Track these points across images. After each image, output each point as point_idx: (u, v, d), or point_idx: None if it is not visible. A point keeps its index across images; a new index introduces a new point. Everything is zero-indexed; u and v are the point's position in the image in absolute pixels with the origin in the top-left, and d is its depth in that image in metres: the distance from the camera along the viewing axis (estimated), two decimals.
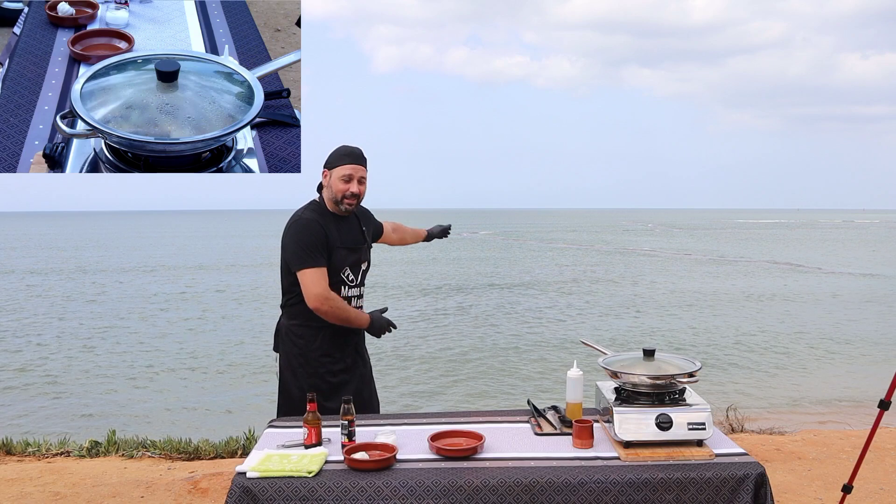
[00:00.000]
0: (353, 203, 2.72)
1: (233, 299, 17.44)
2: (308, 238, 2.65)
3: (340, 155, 2.71)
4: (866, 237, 49.52)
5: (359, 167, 2.71)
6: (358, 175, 2.70)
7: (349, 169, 2.68)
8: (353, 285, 2.79)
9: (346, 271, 2.75)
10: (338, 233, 2.73)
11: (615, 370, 2.15)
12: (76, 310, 15.82)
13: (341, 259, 2.72)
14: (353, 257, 2.77)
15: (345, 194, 2.69)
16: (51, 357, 10.82)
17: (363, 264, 2.86)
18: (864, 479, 3.78)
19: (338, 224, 2.75)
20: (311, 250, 2.64)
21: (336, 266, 2.71)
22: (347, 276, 2.75)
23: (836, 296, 17.25)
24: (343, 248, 2.73)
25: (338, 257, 2.71)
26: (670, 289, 18.78)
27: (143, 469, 4.29)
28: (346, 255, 2.74)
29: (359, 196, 2.73)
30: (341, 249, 2.72)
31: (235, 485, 1.88)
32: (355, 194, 2.70)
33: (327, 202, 2.76)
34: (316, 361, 2.73)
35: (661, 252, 33.80)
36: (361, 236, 2.86)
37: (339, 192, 2.69)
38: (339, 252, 2.71)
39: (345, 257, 2.73)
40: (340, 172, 2.68)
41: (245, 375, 9.61)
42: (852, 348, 11.10)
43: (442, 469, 1.95)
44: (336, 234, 2.72)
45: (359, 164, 2.71)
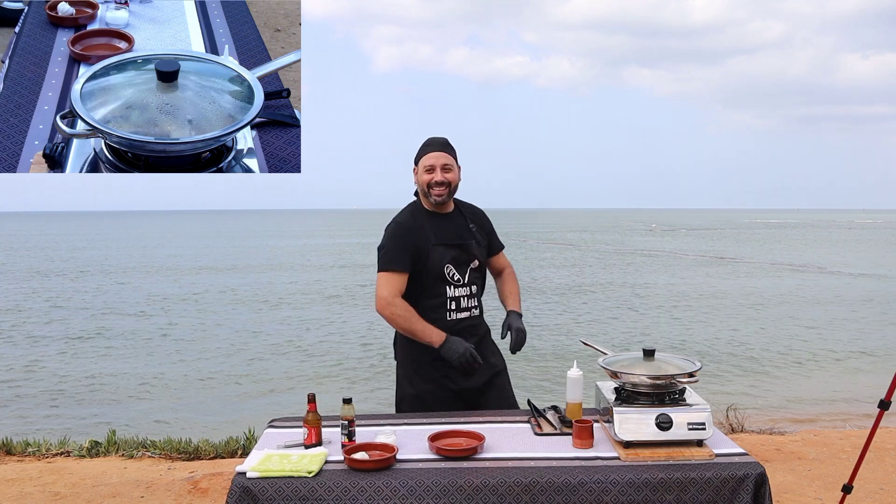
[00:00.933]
0: (442, 192, 2.61)
1: (238, 301, 17.45)
2: (390, 242, 2.60)
3: (423, 146, 2.65)
4: (867, 237, 49.52)
5: (440, 154, 2.60)
6: (441, 163, 2.59)
7: (430, 158, 2.60)
8: (460, 285, 2.65)
9: (450, 270, 2.62)
10: (435, 230, 2.62)
11: (615, 370, 2.15)
12: (78, 309, 15.83)
13: (440, 257, 2.60)
14: (455, 254, 2.64)
15: (429, 184, 2.60)
16: (52, 357, 10.82)
17: (472, 262, 2.69)
18: (864, 479, 3.78)
19: (436, 221, 2.65)
20: (391, 254, 2.57)
21: (435, 265, 2.59)
22: (451, 276, 2.63)
23: (836, 296, 17.24)
24: (441, 245, 2.61)
25: (436, 255, 2.59)
26: (670, 289, 18.78)
27: (143, 469, 4.30)
28: (444, 252, 2.61)
29: (447, 183, 2.61)
30: (439, 247, 2.60)
31: (235, 485, 1.88)
32: (440, 182, 2.59)
33: (422, 199, 2.69)
34: (429, 366, 2.63)
35: (662, 252, 33.81)
36: (467, 232, 2.71)
37: (425, 183, 2.61)
38: (436, 250, 2.60)
39: (443, 254, 2.60)
40: (424, 163, 2.61)
41: (245, 375, 9.61)
42: (853, 348, 11.10)
43: (442, 469, 1.95)
44: (432, 231, 2.61)
45: (440, 151, 2.61)
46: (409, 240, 2.59)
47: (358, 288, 19.60)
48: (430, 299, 2.62)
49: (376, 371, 9.66)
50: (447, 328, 2.60)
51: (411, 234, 2.60)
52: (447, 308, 2.64)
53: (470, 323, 2.69)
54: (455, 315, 2.66)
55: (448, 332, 2.60)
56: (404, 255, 2.57)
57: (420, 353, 2.63)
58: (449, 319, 2.64)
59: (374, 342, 11.67)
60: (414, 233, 2.61)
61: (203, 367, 10.11)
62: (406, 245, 2.58)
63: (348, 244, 43.33)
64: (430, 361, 2.62)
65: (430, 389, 2.64)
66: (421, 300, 2.62)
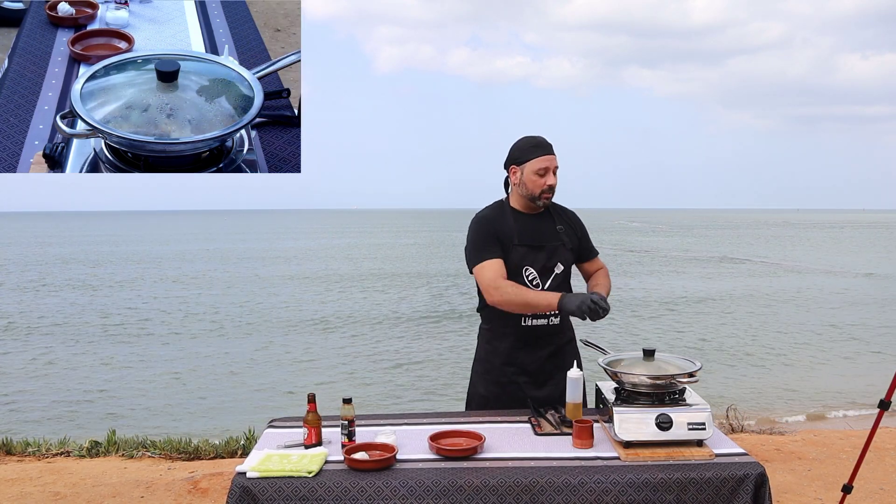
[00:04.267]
0: (550, 196, 2.54)
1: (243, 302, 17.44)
2: (476, 235, 2.54)
3: (529, 147, 2.51)
4: (867, 237, 49.50)
5: (552, 157, 2.51)
6: (553, 166, 2.51)
7: (544, 161, 2.49)
8: (539, 289, 2.54)
9: (529, 273, 2.52)
10: (519, 230, 2.54)
11: (615, 370, 2.15)
12: (86, 308, 15.83)
13: (520, 258, 2.51)
14: (537, 257, 2.54)
15: (543, 189, 2.51)
16: (54, 356, 10.82)
17: (555, 267, 2.56)
18: (864, 479, 3.78)
19: (522, 221, 2.56)
20: (480, 244, 2.51)
21: (514, 266, 2.51)
22: (530, 278, 2.53)
23: (836, 296, 17.25)
24: (522, 246, 2.52)
25: (516, 256, 2.51)
26: (670, 288, 18.77)
27: (143, 469, 4.30)
28: (525, 254, 2.52)
29: (553, 188, 2.54)
30: (520, 248, 2.52)
31: (235, 485, 1.88)
32: (553, 186, 2.52)
33: (518, 199, 2.58)
34: (499, 370, 2.57)
35: (662, 252, 33.79)
36: (553, 234, 2.60)
37: (537, 187, 2.50)
38: (517, 250, 2.51)
39: (524, 256, 2.51)
40: (534, 166, 2.49)
41: (245, 375, 9.61)
42: (853, 348, 11.10)
43: (442, 469, 1.95)
44: (516, 231, 2.53)
45: (552, 154, 2.51)
46: (492, 232, 2.52)
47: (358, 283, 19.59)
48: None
49: (384, 371, 9.67)
50: (518, 333, 2.55)
51: (494, 227, 2.54)
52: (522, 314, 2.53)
53: (546, 332, 2.56)
54: (529, 321, 2.54)
55: (518, 337, 2.55)
56: (493, 244, 2.50)
57: (492, 355, 2.59)
58: (524, 325, 2.54)
59: (374, 342, 11.67)
60: (497, 227, 2.54)
61: (204, 367, 10.11)
62: (491, 235, 2.52)
63: (350, 244, 43.32)
64: (500, 366, 2.57)
65: (497, 393, 2.58)
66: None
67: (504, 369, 2.57)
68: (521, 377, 2.55)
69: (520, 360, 2.56)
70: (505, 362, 2.56)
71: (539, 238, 2.56)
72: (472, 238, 2.55)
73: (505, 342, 2.57)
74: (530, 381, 2.55)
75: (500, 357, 2.57)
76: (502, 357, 2.57)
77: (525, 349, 2.56)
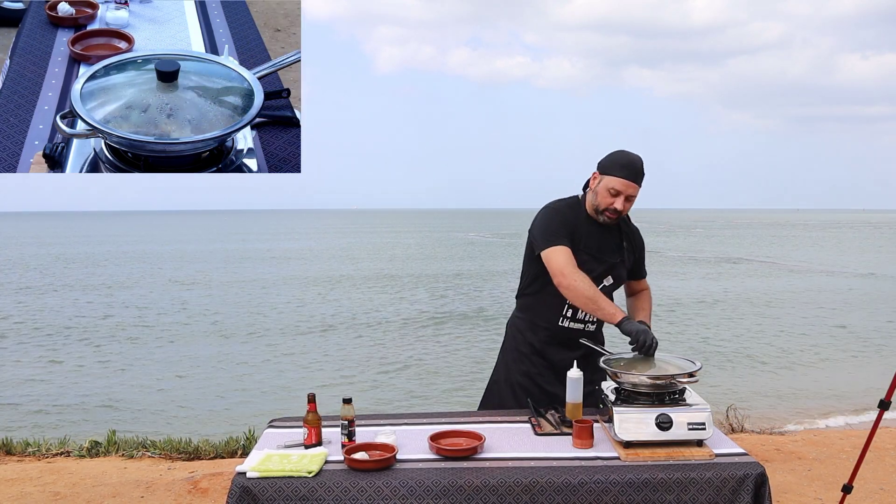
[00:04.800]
0: (613, 217, 2.50)
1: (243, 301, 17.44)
2: (553, 220, 2.51)
3: (619, 165, 2.46)
4: (866, 237, 49.50)
5: (632, 185, 2.45)
6: (627, 192, 2.45)
7: (620, 184, 2.44)
8: None
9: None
10: (586, 236, 2.52)
11: (615, 370, 2.15)
12: (89, 308, 15.83)
13: (580, 265, 2.46)
14: (595, 267, 2.52)
15: (608, 207, 2.47)
16: (55, 356, 10.82)
17: (606, 278, 2.57)
18: (864, 479, 3.78)
19: (591, 228, 2.54)
20: (555, 229, 2.48)
21: None
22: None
23: (837, 296, 17.25)
24: (585, 254, 2.50)
25: (577, 262, 2.46)
26: (670, 288, 18.77)
27: (143, 469, 4.30)
28: (585, 261, 2.48)
29: (621, 213, 2.50)
30: (582, 254, 2.49)
31: (235, 485, 1.88)
32: (618, 211, 2.47)
33: (588, 205, 2.56)
34: (528, 360, 2.60)
35: (663, 251, 33.80)
36: (617, 250, 2.59)
37: (604, 203, 2.47)
38: (579, 255, 2.48)
39: (583, 262, 2.47)
40: (611, 183, 2.45)
41: (245, 376, 9.61)
42: (852, 348, 11.10)
43: (442, 469, 1.95)
44: (583, 236, 2.51)
45: (633, 182, 2.45)
46: (567, 225, 2.51)
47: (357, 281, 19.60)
48: (550, 297, 2.53)
49: (390, 371, 9.67)
50: (553, 333, 2.58)
51: (569, 222, 2.52)
52: (562, 314, 2.56)
53: (580, 335, 2.57)
54: (567, 323, 2.57)
55: (552, 337, 2.58)
56: (567, 233, 2.49)
57: (523, 344, 2.62)
58: (560, 325, 2.57)
59: (376, 341, 11.67)
60: (571, 223, 2.52)
61: (204, 367, 10.11)
62: (565, 226, 2.50)
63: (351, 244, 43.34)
64: (529, 355, 2.61)
65: (521, 382, 2.61)
66: (542, 295, 2.57)
67: (533, 359, 2.60)
68: (547, 371, 2.58)
69: (549, 355, 2.59)
70: (534, 352, 2.60)
71: (602, 251, 2.56)
72: (546, 223, 2.53)
73: (538, 335, 2.60)
74: (556, 378, 2.55)
75: (529, 347, 2.61)
76: (530, 347, 2.60)
77: (554, 346, 2.59)
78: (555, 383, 2.55)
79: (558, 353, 2.57)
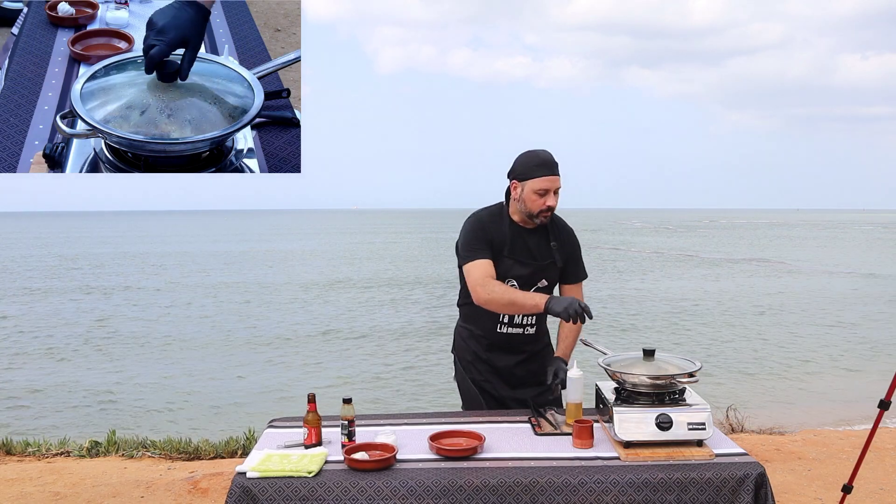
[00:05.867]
0: (548, 216, 2.52)
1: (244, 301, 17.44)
2: (471, 234, 2.53)
3: (533, 166, 2.46)
4: (868, 237, 49.49)
5: (555, 178, 2.46)
6: (554, 187, 2.46)
7: (545, 182, 2.44)
8: None
9: (512, 284, 2.52)
10: (512, 241, 2.53)
11: (615, 370, 2.15)
12: (89, 309, 15.84)
13: (507, 269, 2.50)
14: (522, 272, 2.53)
15: (541, 209, 2.48)
16: (55, 356, 10.82)
17: (539, 282, 2.57)
18: (864, 479, 3.78)
19: (516, 232, 2.55)
20: (473, 244, 2.50)
21: (499, 275, 2.49)
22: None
23: (838, 295, 17.25)
24: (510, 259, 2.52)
25: (504, 266, 2.50)
26: (670, 288, 18.77)
27: (143, 469, 4.30)
28: (512, 266, 2.51)
29: (552, 209, 2.51)
30: (508, 259, 2.51)
31: (235, 485, 1.88)
32: (552, 207, 2.49)
33: (514, 213, 2.57)
34: (474, 367, 2.65)
35: (663, 252, 33.79)
36: (546, 251, 2.59)
37: (535, 207, 2.47)
38: (505, 261, 2.50)
39: (511, 268, 2.51)
40: (535, 186, 2.45)
41: (245, 376, 9.61)
42: (853, 348, 11.10)
43: (442, 469, 1.95)
44: (509, 242, 2.52)
45: (555, 175, 2.46)
46: (487, 235, 2.52)
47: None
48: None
49: (392, 371, 9.66)
50: (492, 340, 2.61)
51: (489, 231, 2.53)
52: (500, 321, 2.57)
53: (521, 340, 2.61)
54: (505, 329, 2.59)
55: (491, 344, 2.61)
56: (485, 245, 2.50)
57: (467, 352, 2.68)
58: (497, 332, 2.59)
59: (376, 340, 11.67)
60: (492, 232, 2.53)
61: (205, 367, 10.11)
62: (485, 237, 2.51)
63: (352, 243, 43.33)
64: (473, 362, 2.66)
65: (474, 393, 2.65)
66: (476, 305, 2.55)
67: (478, 366, 2.66)
68: (493, 377, 2.63)
69: (491, 361, 2.64)
70: (478, 360, 2.65)
71: (530, 254, 2.56)
72: (466, 237, 2.56)
73: (480, 343, 2.65)
74: (502, 382, 2.63)
75: (471, 354, 2.67)
76: (474, 355, 2.66)
77: (496, 352, 2.63)
78: (503, 387, 2.62)
79: (499, 358, 2.63)
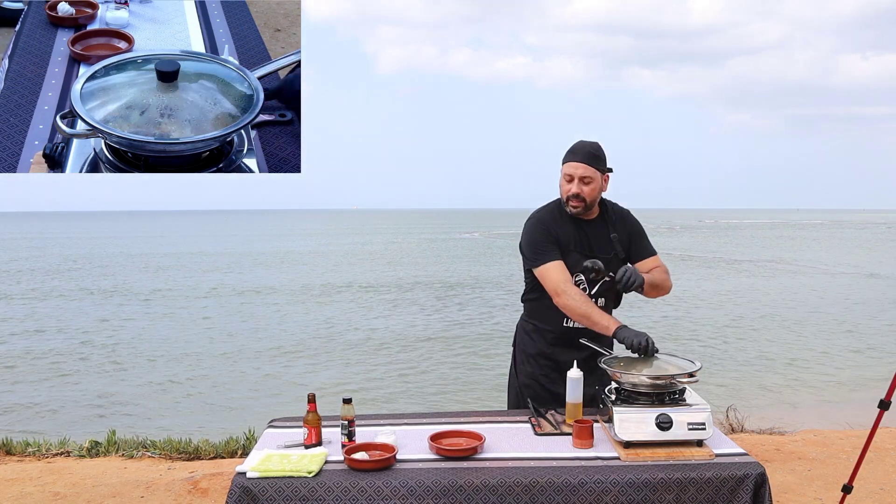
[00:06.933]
0: (577, 205, 2.50)
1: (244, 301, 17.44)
2: (537, 235, 2.54)
3: (567, 152, 2.52)
4: (868, 237, 49.50)
5: (579, 165, 2.46)
6: (579, 174, 2.46)
7: (570, 167, 2.48)
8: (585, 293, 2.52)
9: (578, 277, 2.52)
10: (573, 234, 2.54)
11: (615, 370, 2.15)
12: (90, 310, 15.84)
13: (573, 264, 2.50)
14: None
15: (567, 195, 2.51)
16: (55, 357, 10.82)
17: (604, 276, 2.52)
18: (864, 479, 3.77)
19: (576, 227, 2.56)
20: (542, 245, 2.51)
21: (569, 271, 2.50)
22: (579, 285, 2.53)
23: (838, 296, 17.24)
24: (576, 252, 2.52)
25: (570, 262, 2.50)
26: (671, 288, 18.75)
27: (143, 469, 4.29)
28: (578, 260, 2.49)
29: (582, 198, 2.49)
30: (574, 254, 2.52)
31: (235, 485, 1.88)
32: (577, 195, 2.48)
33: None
34: (535, 361, 2.65)
35: (663, 252, 33.80)
36: (607, 244, 2.58)
37: (563, 193, 2.53)
38: (571, 256, 2.51)
39: (577, 262, 2.48)
40: (563, 171, 2.52)
41: (246, 375, 9.61)
42: (853, 348, 11.09)
43: (442, 469, 1.95)
44: (569, 235, 2.54)
45: (581, 162, 2.46)
46: (551, 234, 2.53)
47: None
48: (551, 301, 2.52)
49: (395, 371, 9.66)
50: (558, 335, 2.60)
51: (553, 230, 2.54)
52: (565, 315, 2.55)
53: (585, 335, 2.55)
54: (571, 323, 2.57)
55: (557, 339, 2.60)
56: (552, 245, 2.51)
57: (530, 346, 2.67)
58: (565, 326, 2.59)
59: (377, 338, 11.67)
60: (555, 230, 2.54)
61: (204, 366, 10.11)
62: (550, 237, 2.52)
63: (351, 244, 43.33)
64: (534, 356, 2.65)
65: (526, 383, 2.66)
66: (543, 300, 2.57)
67: (539, 361, 2.64)
68: (553, 372, 2.60)
69: (556, 356, 2.61)
70: (541, 355, 2.63)
71: (593, 248, 2.56)
72: (532, 239, 2.56)
73: (546, 337, 2.63)
74: (561, 378, 2.52)
75: (535, 349, 2.65)
76: (537, 350, 2.64)
77: (563, 347, 2.60)
78: (560, 383, 2.53)
79: (565, 353, 2.58)
